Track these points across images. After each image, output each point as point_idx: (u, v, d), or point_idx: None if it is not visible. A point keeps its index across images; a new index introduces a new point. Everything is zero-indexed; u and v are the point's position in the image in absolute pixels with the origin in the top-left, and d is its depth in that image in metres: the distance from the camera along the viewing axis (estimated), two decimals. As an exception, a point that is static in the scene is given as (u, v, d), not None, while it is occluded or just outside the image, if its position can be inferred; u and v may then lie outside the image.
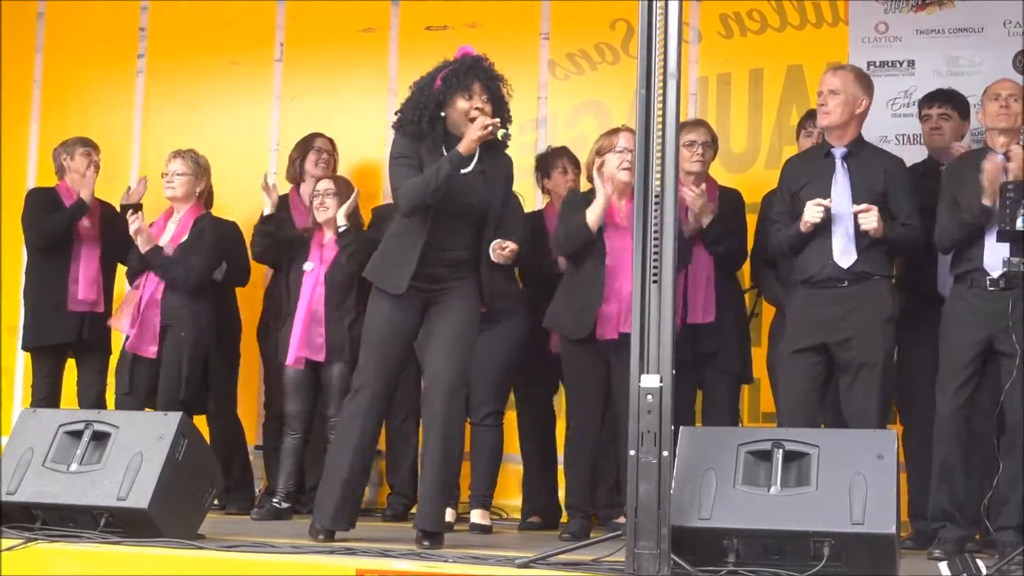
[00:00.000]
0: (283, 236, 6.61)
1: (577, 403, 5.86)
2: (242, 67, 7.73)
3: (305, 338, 6.30)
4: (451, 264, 5.12)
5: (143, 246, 6.39)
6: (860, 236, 5.28)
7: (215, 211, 6.79)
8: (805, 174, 5.48)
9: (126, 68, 7.89)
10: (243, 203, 6.96)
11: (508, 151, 5.24)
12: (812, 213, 5.28)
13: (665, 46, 4.20)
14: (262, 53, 7.66)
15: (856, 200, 5.31)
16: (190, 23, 7.75)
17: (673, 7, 4.22)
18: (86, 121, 7.66)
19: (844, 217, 5.30)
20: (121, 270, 6.84)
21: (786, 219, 5.48)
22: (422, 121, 5.10)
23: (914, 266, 5.70)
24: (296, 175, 6.96)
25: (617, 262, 5.63)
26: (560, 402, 6.37)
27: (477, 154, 5.11)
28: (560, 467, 6.15)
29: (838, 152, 5.43)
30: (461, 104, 5.10)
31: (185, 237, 6.48)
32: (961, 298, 5.21)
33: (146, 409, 6.23)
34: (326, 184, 6.54)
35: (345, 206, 6.38)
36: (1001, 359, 5.08)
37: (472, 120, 5.06)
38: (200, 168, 6.59)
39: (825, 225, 5.30)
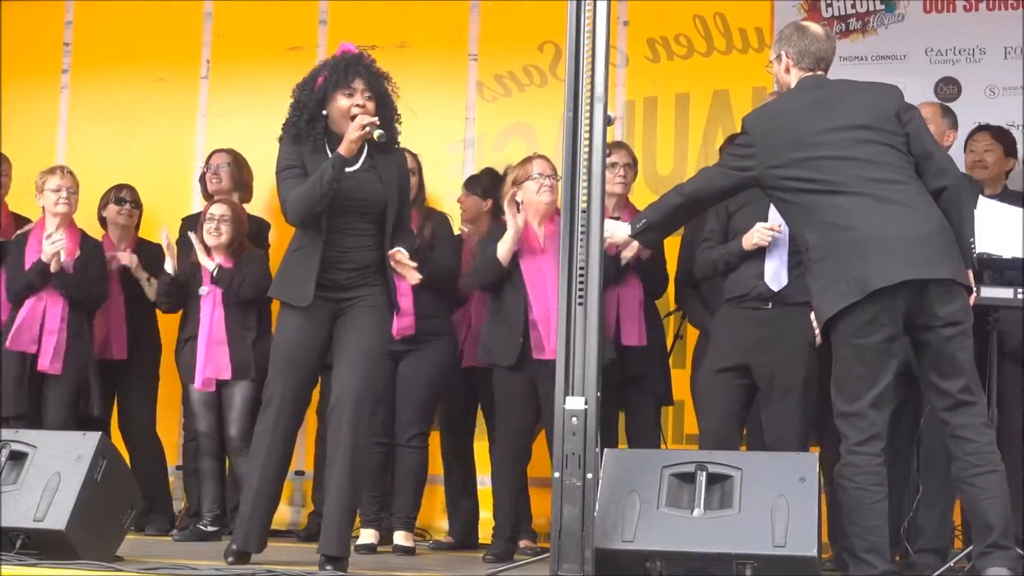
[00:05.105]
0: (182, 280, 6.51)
1: (506, 427, 5.85)
2: (168, 84, 7.66)
3: (210, 360, 6.22)
4: (355, 268, 4.91)
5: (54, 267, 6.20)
6: (793, 264, 5.28)
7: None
8: (743, 195, 5.48)
9: (50, 83, 7.80)
10: (169, 219, 6.86)
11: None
12: (762, 236, 5.27)
13: (592, 69, 4.22)
14: (188, 70, 7.60)
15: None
16: (116, 39, 7.68)
17: (601, 30, 4.24)
18: (9, 136, 7.55)
19: (780, 242, 5.30)
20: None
21: (718, 237, 5.48)
22: (300, 121, 4.92)
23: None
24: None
25: (536, 287, 5.66)
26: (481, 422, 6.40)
27: (365, 151, 4.95)
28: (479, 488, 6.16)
29: None
30: (342, 102, 4.91)
31: (78, 254, 6.34)
32: None
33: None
34: (221, 209, 6.41)
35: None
36: (917, 382, 5.12)
37: (353, 119, 4.85)
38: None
39: (761, 247, 5.32)
